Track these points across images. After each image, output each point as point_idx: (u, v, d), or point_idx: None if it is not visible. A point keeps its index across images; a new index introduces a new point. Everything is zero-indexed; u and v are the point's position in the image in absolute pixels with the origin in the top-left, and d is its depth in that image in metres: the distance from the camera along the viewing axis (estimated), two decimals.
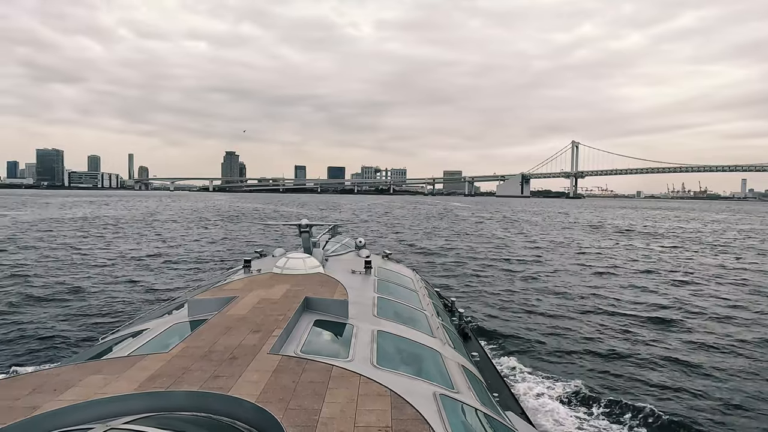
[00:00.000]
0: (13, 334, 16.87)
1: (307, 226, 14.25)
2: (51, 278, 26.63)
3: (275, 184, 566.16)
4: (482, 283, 29.31)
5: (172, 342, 7.34)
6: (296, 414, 4.90)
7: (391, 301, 10.55)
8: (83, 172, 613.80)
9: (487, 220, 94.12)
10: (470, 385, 7.30)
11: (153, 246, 43.17)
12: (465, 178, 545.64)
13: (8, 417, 4.54)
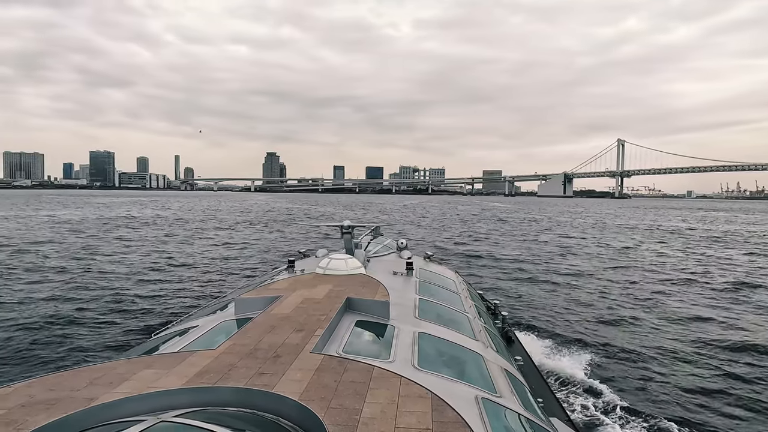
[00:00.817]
0: (72, 329, 17.79)
1: (349, 227, 14.44)
2: (109, 276, 28.14)
3: (314, 184, 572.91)
4: (528, 286, 28.25)
5: (219, 339, 7.53)
6: (338, 413, 4.94)
7: (432, 303, 10.47)
8: (132, 173, 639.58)
9: (531, 221, 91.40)
10: (513, 389, 7.14)
11: (203, 245, 44.98)
12: (505, 178, 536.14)
13: (69, 407, 4.84)
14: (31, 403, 4.96)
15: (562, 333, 18.89)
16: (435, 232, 62.87)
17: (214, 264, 34.53)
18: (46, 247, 40.34)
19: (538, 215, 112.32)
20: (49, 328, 17.94)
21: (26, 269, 29.66)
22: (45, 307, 20.85)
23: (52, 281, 26.31)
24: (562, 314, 21.87)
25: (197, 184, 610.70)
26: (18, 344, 16.26)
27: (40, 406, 4.90)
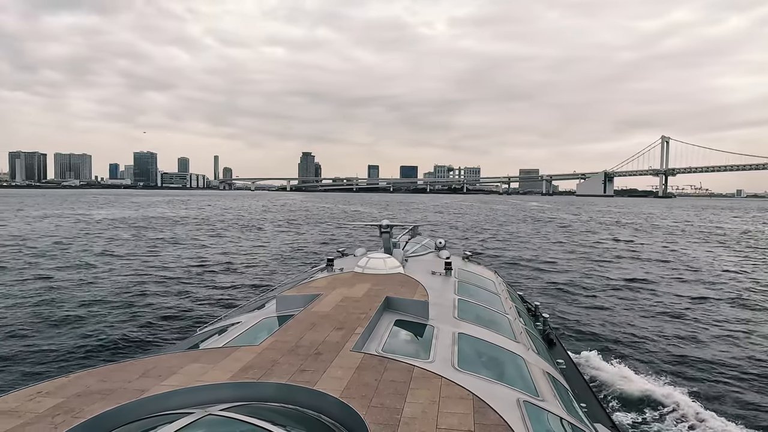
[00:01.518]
0: (124, 324, 18.67)
1: (387, 226, 14.50)
2: (157, 272, 29.46)
3: (349, 183, 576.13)
4: (571, 289, 27.18)
5: (262, 335, 7.63)
6: (379, 412, 4.96)
7: (472, 304, 10.35)
8: (174, 173, 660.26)
9: (574, 221, 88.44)
10: (556, 393, 7.00)
11: (245, 244, 45.73)
12: (542, 177, 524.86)
13: (122, 398, 5.06)
14: (87, 393, 5.21)
15: (609, 339, 17.98)
16: (470, 233, 61.30)
17: (255, 261, 35.19)
18: (104, 245, 42.33)
19: (583, 216, 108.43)
20: (100, 321, 18.81)
21: (82, 265, 31.13)
22: (95, 302, 21.86)
23: (103, 277, 27.56)
24: (611, 320, 20.74)
25: (235, 183, 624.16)
26: (71, 337, 16.99)
27: (96, 395, 5.13)
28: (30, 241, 44.04)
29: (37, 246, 40.73)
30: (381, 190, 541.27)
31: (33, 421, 4.58)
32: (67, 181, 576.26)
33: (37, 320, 18.75)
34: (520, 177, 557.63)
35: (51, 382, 5.58)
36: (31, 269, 29.65)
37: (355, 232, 58.68)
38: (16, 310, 20.10)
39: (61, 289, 24.28)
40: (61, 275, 27.85)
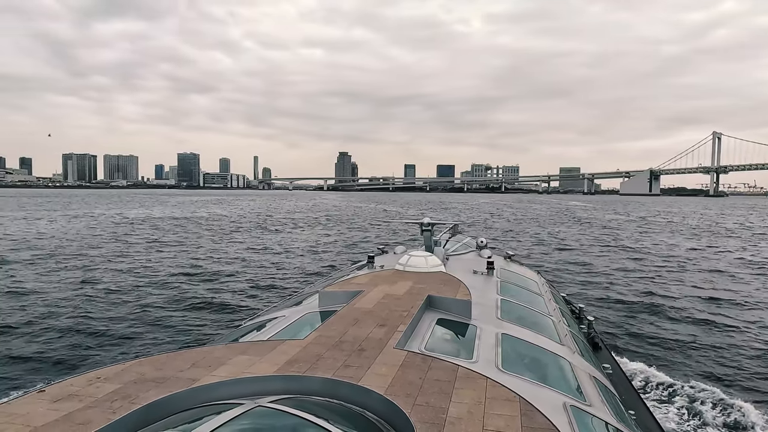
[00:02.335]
0: (174, 318, 19.39)
1: (428, 224, 14.55)
2: (206, 268, 30.88)
3: (385, 182, 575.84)
4: (618, 291, 25.92)
5: (306, 330, 7.75)
6: (424, 410, 4.94)
7: (514, 304, 10.18)
8: (215, 173, 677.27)
9: (622, 222, 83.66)
10: (603, 398, 6.79)
11: (286, 240, 47.59)
12: (584, 175, 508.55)
13: (174, 386, 5.24)
14: (143, 380, 5.41)
15: (657, 343, 17.16)
16: (509, 235, 58.29)
17: (297, 257, 36.45)
18: (157, 241, 44.69)
19: (632, 215, 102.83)
20: (152, 312, 19.83)
21: (134, 261, 32.73)
22: (147, 293, 23.29)
23: (155, 271, 29.18)
24: (659, 324, 19.72)
25: (274, 183, 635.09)
26: (126, 326, 17.93)
27: (151, 383, 5.33)
28: (94, 237, 47.59)
29: (100, 241, 44.16)
30: (417, 189, 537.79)
31: (93, 405, 4.81)
32: (115, 181, 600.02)
33: (99, 309, 20.07)
34: (560, 175, 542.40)
35: (110, 369, 5.83)
36: (96, 263, 31.82)
37: (393, 229, 57.02)
38: (85, 299, 21.72)
39: (118, 282, 25.82)
40: (120, 268, 29.72)
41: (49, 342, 16.05)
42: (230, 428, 3.91)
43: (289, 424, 4.23)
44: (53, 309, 19.90)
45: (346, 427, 4.50)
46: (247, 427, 4.09)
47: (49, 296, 22.07)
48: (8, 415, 4.55)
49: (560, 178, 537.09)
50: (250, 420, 4.18)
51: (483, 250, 16.52)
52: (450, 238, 18.28)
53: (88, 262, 31.74)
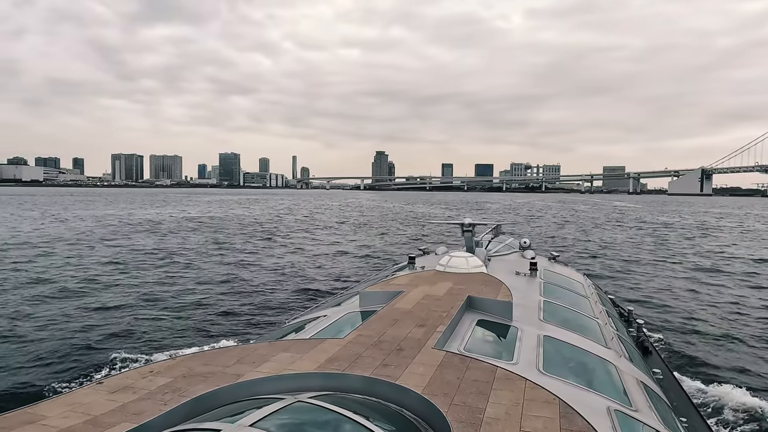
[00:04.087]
0: (220, 316, 20.12)
1: (470, 225, 14.52)
2: (248, 266, 32.18)
3: (422, 182, 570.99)
4: (672, 295, 25.10)
5: (346, 329, 7.89)
6: (460, 410, 4.96)
7: (558, 306, 10.06)
8: (255, 172, 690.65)
9: (678, 227, 76.74)
10: (651, 403, 6.63)
11: (329, 241, 48.43)
12: (629, 174, 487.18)
13: (220, 381, 5.51)
14: (191, 375, 5.73)
15: (712, 349, 16.37)
16: (550, 243, 53.03)
17: (338, 258, 37.00)
18: (203, 239, 47.00)
19: (688, 219, 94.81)
20: (199, 310, 20.70)
21: (183, 261, 33.89)
22: (192, 292, 24.12)
23: (202, 270, 30.22)
24: (714, 329, 18.73)
25: (312, 182, 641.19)
26: (175, 323, 18.79)
27: (198, 377, 5.64)
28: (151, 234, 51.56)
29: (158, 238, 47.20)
30: (455, 189, 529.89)
31: (146, 397, 5.13)
32: (160, 180, 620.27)
33: (149, 306, 21.16)
34: (603, 174, 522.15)
35: (161, 363, 6.18)
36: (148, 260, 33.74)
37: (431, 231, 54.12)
38: (137, 296, 22.81)
39: (166, 280, 26.99)
40: (171, 268, 30.77)
41: (107, 336, 16.99)
42: (271, 422, 4.05)
43: (328, 420, 4.35)
44: (110, 304, 21.24)
45: (383, 425, 4.54)
46: (288, 421, 4.20)
47: (102, 294, 23.31)
48: (71, 404, 4.94)
49: (604, 177, 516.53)
50: (290, 414, 4.32)
51: (526, 251, 16.11)
52: (492, 238, 18.13)
53: (137, 262, 32.84)
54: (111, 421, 4.63)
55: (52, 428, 4.53)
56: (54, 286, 24.59)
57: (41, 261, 32.01)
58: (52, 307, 20.51)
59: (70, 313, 19.62)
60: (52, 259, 32.78)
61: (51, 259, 33.06)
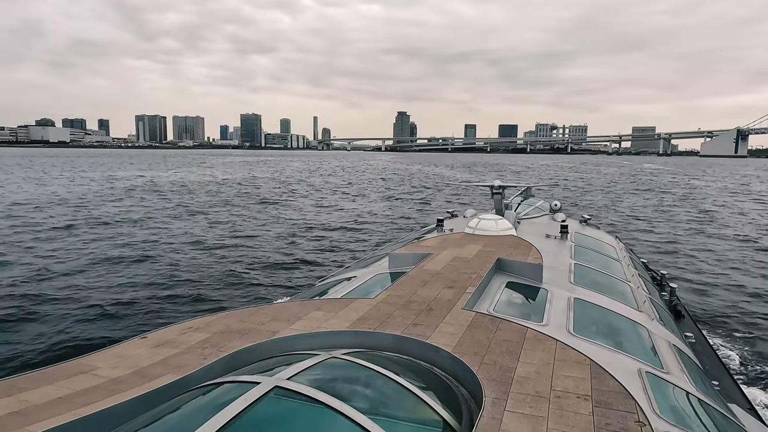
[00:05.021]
0: (256, 272, 21.56)
1: (499, 187, 14.42)
2: (281, 228, 33.33)
3: (444, 143, 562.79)
4: (708, 260, 24.67)
5: (376, 290, 7.99)
6: (490, 368, 5.03)
7: (589, 269, 10.08)
8: (276, 134, 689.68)
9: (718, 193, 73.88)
10: (683, 366, 6.66)
11: (356, 204, 48.94)
12: (660, 135, 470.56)
13: (256, 337, 5.75)
14: (228, 331, 5.96)
15: (747, 314, 16.26)
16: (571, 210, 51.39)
17: (366, 221, 37.47)
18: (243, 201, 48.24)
19: (728, 182, 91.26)
20: (234, 269, 21.72)
21: (222, 221, 35.48)
22: (226, 252, 25.35)
23: (234, 231, 31.40)
24: (749, 294, 18.62)
25: (333, 143, 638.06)
26: (212, 282, 19.83)
27: (235, 334, 5.87)
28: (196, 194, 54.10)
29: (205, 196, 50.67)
30: (477, 150, 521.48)
31: (186, 351, 5.40)
32: (183, 142, 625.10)
33: (185, 266, 22.32)
34: (633, 135, 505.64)
35: (200, 320, 6.43)
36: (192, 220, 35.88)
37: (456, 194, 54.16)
38: (174, 255, 24.32)
39: (200, 241, 28.11)
40: (206, 230, 32.08)
41: (148, 296, 17.91)
42: (307, 376, 4.21)
43: (361, 376, 4.50)
44: (149, 265, 22.40)
45: (415, 381, 4.67)
46: (323, 376, 4.35)
47: (144, 255, 24.37)
48: (118, 356, 5.29)
49: (633, 138, 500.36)
50: (325, 369, 4.49)
51: (557, 213, 16.01)
52: (522, 201, 18.04)
53: (179, 223, 34.31)
54: (155, 373, 4.89)
55: (102, 378, 4.82)
56: (108, 245, 26.40)
57: (98, 223, 33.56)
58: (99, 267, 22.02)
59: (115, 273, 20.99)
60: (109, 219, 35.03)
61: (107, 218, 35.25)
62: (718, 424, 5.44)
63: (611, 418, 4.22)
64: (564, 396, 4.53)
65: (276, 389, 3.98)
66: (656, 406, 4.76)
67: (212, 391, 4.23)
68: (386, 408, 4.30)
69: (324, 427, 3.91)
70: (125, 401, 4.32)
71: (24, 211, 37.54)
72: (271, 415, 3.89)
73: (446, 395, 4.81)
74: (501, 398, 4.49)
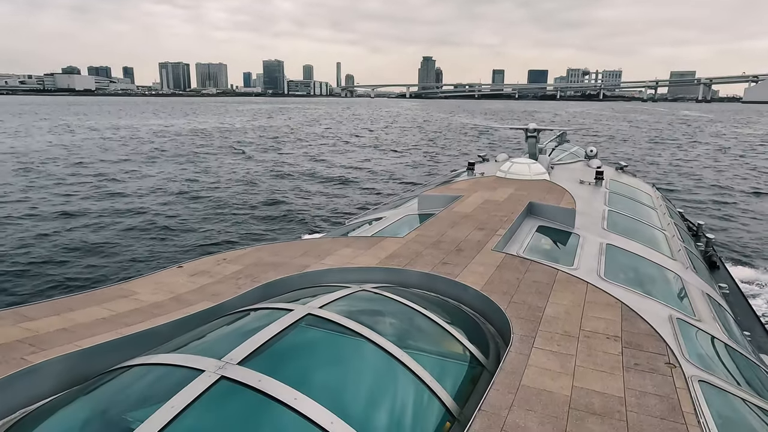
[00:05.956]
0: (288, 210, 23.13)
1: (534, 130, 14.25)
2: (313, 170, 35.30)
3: (470, 90, 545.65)
4: (747, 211, 24.24)
5: (406, 230, 8.08)
6: (519, 307, 5.07)
7: (624, 216, 9.96)
8: (299, 80, 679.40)
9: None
10: (715, 314, 6.63)
11: (381, 149, 50.87)
12: (699, 80, 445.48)
13: (288, 270, 6.01)
14: (261, 264, 6.22)
15: None
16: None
17: (395, 164, 38.73)
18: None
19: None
20: (269, 207, 23.62)
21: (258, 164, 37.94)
22: (263, 189, 27.80)
23: (269, 171, 34.02)
24: None
25: (356, 90, 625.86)
26: (246, 216, 21.73)
27: (268, 266, 6.14)
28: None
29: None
30: (505, 97, 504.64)
31: (222, 281, 5.69)
32: (206, 89, 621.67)
33: (221, 202, 24.30)
34: (670, 81, 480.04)
35: (233, 252, 6.69)
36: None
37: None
38: (211, 193, 26.61)
39: (240, 178, 31.16)
40: (246, 169, 34.93)
41: (184, 230, 19.46)
42: (338, 306, 4.34)
43: (390, 308, 4.63)
44: (190, 200, 24.61)
45: (442, 316, 4.73)
46: (353, 307, 4.46)
47: (183, 191, 27.11)
48: (157, 283, 5.64)
49: (670, 83, 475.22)
50: (355, 301, 4.65)
51: (592, 159, 15.75)
52: (557, 146, 17.87)
53: (217, 163, 37.47)
54: (192, 299, 5.17)
55: (143, 302, 5.10)
56: (147, 186, 28.65)
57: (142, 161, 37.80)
58: (141, 202, 24.20)
59: (154, 208, 23.01)
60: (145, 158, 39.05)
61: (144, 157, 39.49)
62: (747, 372, 5.40)
63: (641, 359, 4.22)
64: (593, 336, 4.53)
65: (308, 317, 4.08)
66: (686, 351, 4.73)
67: (247, 315, 4.38)
68: (414, 340, 4.36)
69: (354, 353, 4.00)
70: (165, 323, 4.57)
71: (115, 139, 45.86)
72: (303, 340, 4.00)
73: (474, 331, 4.88)
74: (529, 336, 4.51)
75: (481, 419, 3.44)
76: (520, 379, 3.91)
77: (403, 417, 3.62)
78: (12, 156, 39.30)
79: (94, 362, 4.05)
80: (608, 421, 3.49)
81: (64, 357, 3.95)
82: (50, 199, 24.60)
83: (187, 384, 3.17)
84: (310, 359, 3.88)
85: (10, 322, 4.52)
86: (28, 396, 3.74)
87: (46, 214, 21.50)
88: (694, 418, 3.58)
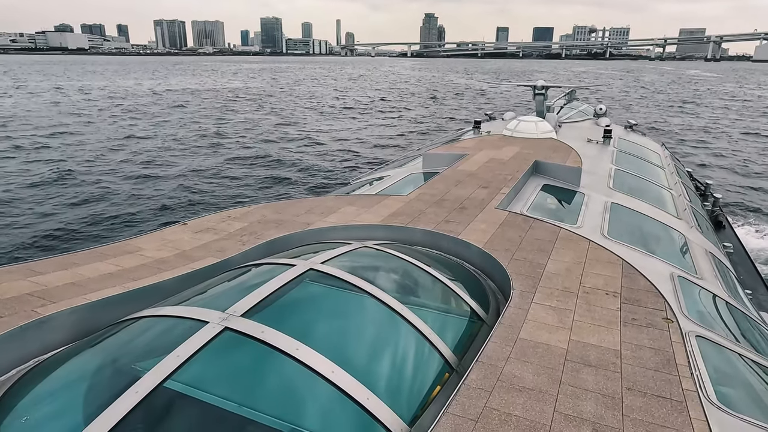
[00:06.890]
0: (291, 168, 23.40)
1: (542, 87, 14.02)
2: (318, 131, 35.10)
3: (474, 48, 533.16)
4: (758, 173, 24.03)
5: (409, 188, 8.09)
6: (521, 264, 5.15)
7: (630, 175, 9.93)
8: (298, 39, 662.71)
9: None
10: (717, 273, 6.65)
11: (391, 107, 51.57)
12: (709, 38, 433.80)
13: (292, 227, 6.11)
14: (265, 221, 6.34)
15: None
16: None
17: (401, 122, 39.36)
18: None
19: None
20: (273, 166, 23.74)
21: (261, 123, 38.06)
22: (271, 148, 28.11)
23: (273, 132, 34.11)
24: None
25: (357, 49, 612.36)
26: (247, 175, 21.84)
27: (271, 224, 6.25)
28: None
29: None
30: (509, 56, 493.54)
31: (226, 238, 5.80)
32: (203, 48, 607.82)
33: (223, 161, 24.62)
34: (679, 38, 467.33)
35: (238, 210, 6.81)
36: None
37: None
38: (216, 152, 26.94)
39: (244, 138, 31.39)
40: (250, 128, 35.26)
41: (189, 187, 19.58)
42: (340, 262, 4.41)
43: (392, 264, 4.70)
44: (194, 157, 24.99)
45: (444, 272, 4.79)
46: (355, 263, 4.55)
47: (191, 148, 27.72)
48: (162, 239, 5.73)
49: (679, 41, 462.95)
50: (357, 257, 4.71)
51: (601, 118, 15.62)
52: (565, 104, 17.65)
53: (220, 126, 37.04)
54: (197, 255, 5.26)
55: (148, 258, 5.19)
56: (149, 144, 29.01)
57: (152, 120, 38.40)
58: (145, 159, 24.69)
59: (159, 168, 23.10)
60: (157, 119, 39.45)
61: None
62: (746, 328, 5.44)
63: (638, 314, 4.30)
64: (593, 292, 4.61)
65: (311, 272, 4.15)
66: (684, 307, 4.78)
67: (250, 270, 4.48)
68: (415, 295, 4.44)
69: (355, 307, 4.10)
70: (171, 278, 4.67)
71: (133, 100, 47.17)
72: (305, 294, 4.11)
73: (475, 287, 4.96)
74: (529, 291, 4.60)
75: (478, 369, 3.53)
76: (518, 333, 3.99)
77: (403, 368, 3.70)
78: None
79: (103, 315, 4.17)
80: (602, 372, 3.57)
81: (74, 309, 4.07)
82: (43, 158, 24.94)
83: (192, 335, 3.26)
84: (311, 312, 3.99)
85: (20, 276, 4.62)
86: (40, 346, 3.88)
87: (46, 176, 21.47)
88: (687, 370, 3.64)
